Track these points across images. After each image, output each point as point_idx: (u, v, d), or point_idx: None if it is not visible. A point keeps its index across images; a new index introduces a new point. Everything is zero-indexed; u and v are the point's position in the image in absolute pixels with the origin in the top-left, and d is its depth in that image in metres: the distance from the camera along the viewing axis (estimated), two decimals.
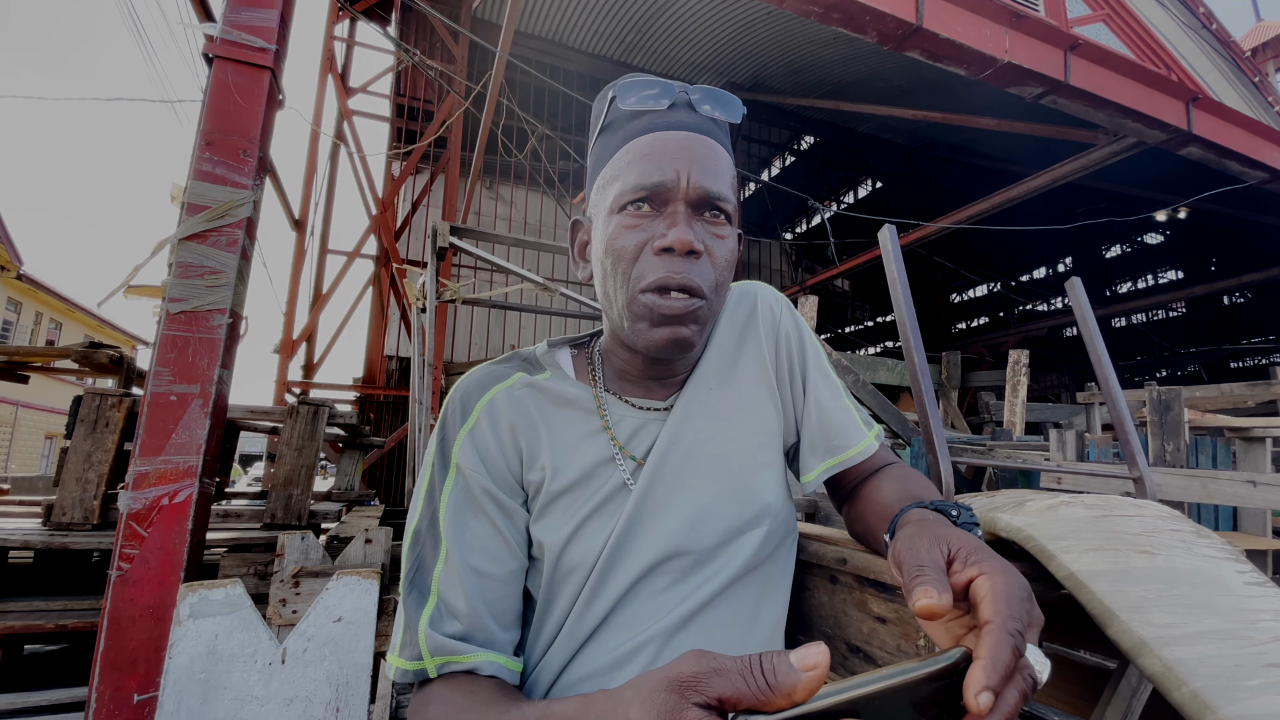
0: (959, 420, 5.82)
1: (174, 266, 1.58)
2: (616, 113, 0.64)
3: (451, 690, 0.54)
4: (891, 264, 1.31)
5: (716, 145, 0.62)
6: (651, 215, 0.60)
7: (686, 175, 0.59)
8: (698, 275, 0.59)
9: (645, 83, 0.63)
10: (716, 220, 0.61)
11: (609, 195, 0.62)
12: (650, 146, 0.60)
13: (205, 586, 1.06)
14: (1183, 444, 2.35)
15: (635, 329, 0.61)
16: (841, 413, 0.71)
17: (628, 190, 0.60)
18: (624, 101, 0.63)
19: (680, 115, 0.62)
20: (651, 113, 0.62)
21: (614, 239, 0.60)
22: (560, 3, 8.11)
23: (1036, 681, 0.35)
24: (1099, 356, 1.33)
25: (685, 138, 0.60)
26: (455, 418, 0.64)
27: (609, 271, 0.62)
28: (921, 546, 0.43)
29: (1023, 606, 0.37)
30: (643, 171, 0.59)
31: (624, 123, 0.63)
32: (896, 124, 10.69)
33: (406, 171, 6.84)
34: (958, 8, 3.86)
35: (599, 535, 0.62)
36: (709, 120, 0.63)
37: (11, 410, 14.99)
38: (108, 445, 2.28)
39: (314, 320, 6.50)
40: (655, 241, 0.59)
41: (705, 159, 0.60)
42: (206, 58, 1.71)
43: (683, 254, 0.58)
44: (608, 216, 0.62)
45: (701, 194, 0.59)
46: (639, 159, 0.60)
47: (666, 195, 0.59)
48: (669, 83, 0.63)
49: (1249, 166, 5.29)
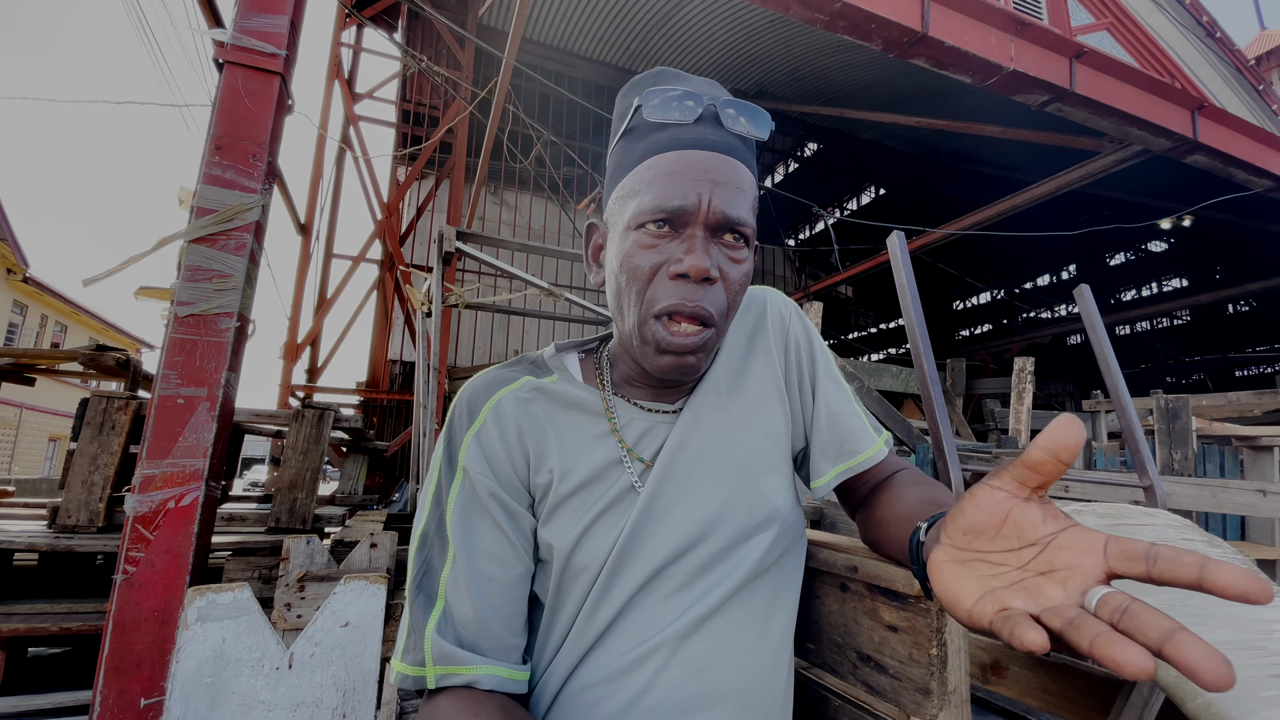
0: (964, 428, 5.81)
1: (183, 269, 1.59)
2: (640, 120, 0.62)
3: (456, 710, 0.53)
4: (900, 270, 1.30)
5: (740, 166, 0.60)
6: (669, 237, 0.59)
7: (708, 199, 0.57)
8: (710, 303, 0.58)
9: (673, 93, 0.60)
10: (735, 244, 0.60)
11: (628, 209, 0.61)
12: (673, 165, 0.59)
13: (213, 590, 1.06)
14: (1190, 452, 2.34)
15: (643, 351, 0.61)
16: (852, 417, 0.71)
17: (646, 210, 0.59)
18: (649, 112, 0.60)
19: (706, 132, 0.60)
20: (677, 125, 0.60)
21: (630, 257, 0.60)
22: (565, 10, 8.17)
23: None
24: (1108, 364, 1.32)
25: (709, 159, 0.59)
26: (462, 421, 0.64)
27: (623, 288, 0.61)
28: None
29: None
30: (663, 193, 0.58)
31: (647, 131, 0.62)
32: (900, 131, 10.71)
33: (412, 177, 6.87)
34: (963, 15, 3.87)
35: (607, 537, 0.62)
36: (735, 137, 0.61)
37: (15, 412, 15.04)
38: (114, 448, 2.29)
39: (319, 324, 6.52)
40: (671, 265, 0.58)
41: (728, 182, 0.59)
42: (217, 63, 1.72)
43: (698, 281, 0.58)
44: (625, 231, 0.61)
45: (721, 218, 0.58)
46: (660, 177, 0.59)
47: (686, 218, 0.58)
48: (697, 92, 0.60)
49: (1254, 174, 5.28)
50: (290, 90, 1.86)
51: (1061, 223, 10.58)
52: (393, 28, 7.65)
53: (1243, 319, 13.84)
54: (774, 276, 11.45)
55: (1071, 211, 11.67)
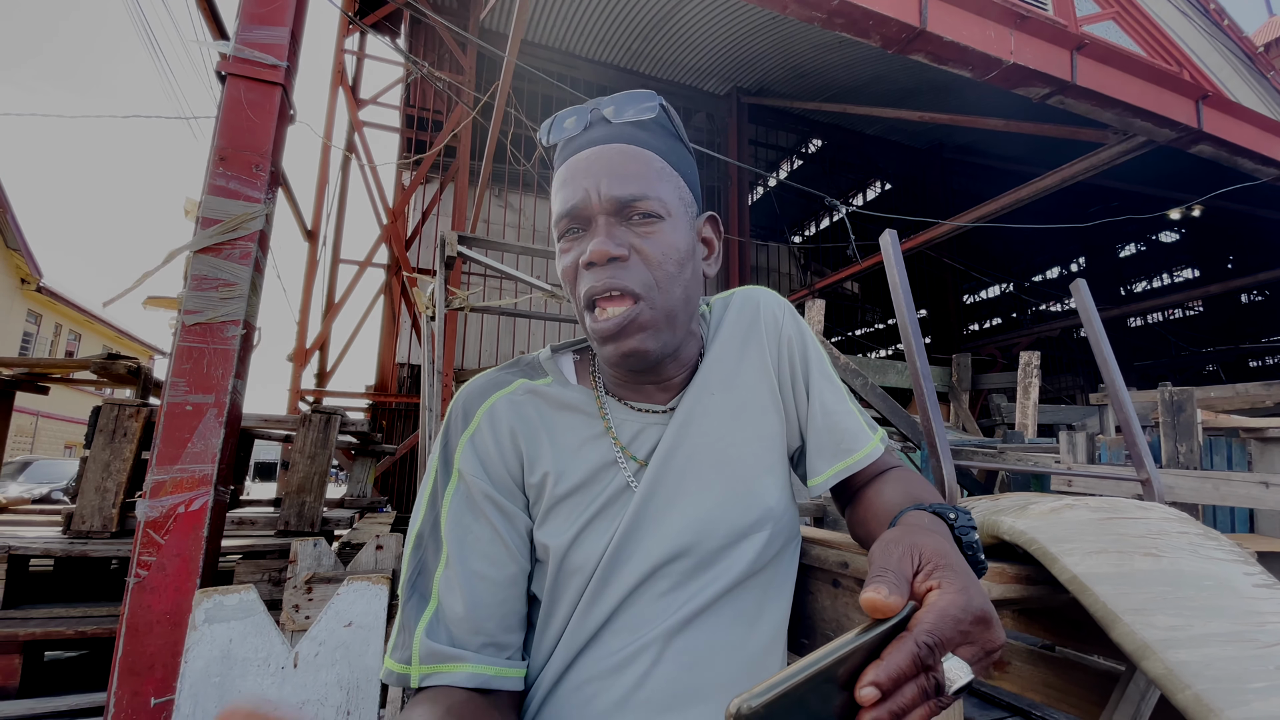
0: (970, 423, 5.77)
1: (189, 279, 1.62)
2: (549, 150, 0.69)
3: (429, 709, 0.54)
4: (893, 268, 1.31)
5: (633, 148, 0.63)
6: (582, 236, 0.63)
7: (597, 189, 0.61)
8: (626, 278, 0.60)
9: (562, 114, 0.66)
10: (645, 221, 0.62)
11: (554, 227, 0.66)
12: (566, 172, 0.64)
13: (220, 592, 1.08)
14: (1195, 445, 2.32)
15: (600, 350, 0.64)
16: (847, 416, 0.72)
17: (557, 219, 0.64)
18: (544, 138, 0.67)
19: (595, 133, 0.64)
20: (571, 139, 0.65)
21: (559, 264, 0.65)
22: (566, 12, 8.18)
23: (941, 685, 0.37)
24: (1104, 357, 1.32)
25: (596, 152, 0.63)
26: (457, 424, 0.66)
27: (568, 294, 0.66)
28: (895, 552, 0.44)
29: (952, 623, 0.38)
30: (563, 198, 0.63)
31: (554, 156, 0.67)
32: (904, 126, 10.66)
33: (416, 181, 6.91)
34: (961, 10, 3.85)
35: (602, 537, 0.63)
36: (628, 126, 0.64)
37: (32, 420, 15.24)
38: (126, 454, 2.33)
39: (326, 329, 6.57)
40: (582, 258, 0.62)
41: (616, 166, 0.62)
42: (220, 75, 1.75)
43: (604, 263, 0.60)
44: (558, 246, 0.66)
45: (614, 202, 0.61)
46: (561, 187, 0.64)
47: (586, 213, 0.62)
48: (583, 107, 0.66)
49: (1261, 163, 5.22)
50: (292, 100, 1.89)
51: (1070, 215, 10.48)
52: (395, 33, 7.69)
53: (1256, 309, 13.66)
54: (779, 274, 11.42)
55: (1080, 203, 11.57)
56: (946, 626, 0.38)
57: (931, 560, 0.43)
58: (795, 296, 9.44)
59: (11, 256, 13.38)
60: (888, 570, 0.41)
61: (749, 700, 0.32)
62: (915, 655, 0.36)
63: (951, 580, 0.41)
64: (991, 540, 0.76)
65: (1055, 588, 0.70)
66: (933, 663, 0.37)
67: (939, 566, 0.42)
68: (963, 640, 0.39)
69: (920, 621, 0.38)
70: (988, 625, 0.40)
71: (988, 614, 0.40)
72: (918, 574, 0.42)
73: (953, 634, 0.38)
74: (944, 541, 0.47)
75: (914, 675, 0.36)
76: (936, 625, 0.38)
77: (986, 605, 0.40)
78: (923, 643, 0.36)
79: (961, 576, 0.42)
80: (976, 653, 0.39)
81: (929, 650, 0.36)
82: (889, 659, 0.36)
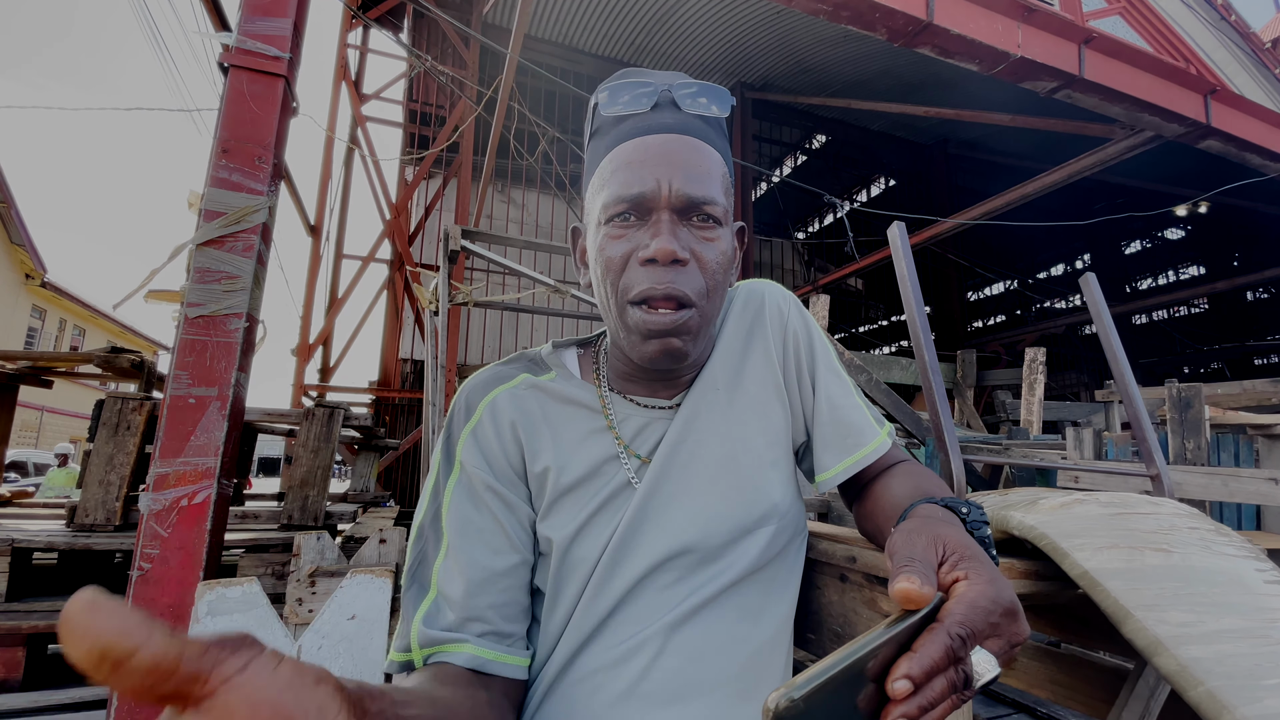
0: (975, 419, 5.76)
1: (192, 272, 1.62)
2: (602, 118, 0.63)
3: (426, 679, 0.54)
4: (901, 261, 1.30)
5: (703, 145, 0.60)
6: (636, 225, 0.59)
7: (669, 182, 0.57)
8: (685, 284, 0.58)
9: (629, 84, 0.61)
10: (705, 225, 0.59)
11: (597, 205, 0.62)
12: (632, 154, 0.59)
13: (222, 585, 1.08)
14: (1203, 442, 2.31)
15: (629, 340, 0.61)
16: (854, 410, 0.71)
17: (611, 202, 0.59)
18: (606, 107, 0.62)
19: (664, 116, 0.60)
20: (635, 116, 0.61)
21: (602, 250, 0.60)
22: (569, 6, 8.15)
23: (970, 679, 0.36)
24: (1114, 353, 1.31)
25: (667, 140, 0.59)
26: (460, 417, 0.66)
27: (600, 281, 0.62)
28: (918, 542, 0.43)
29: (983, 615, 0.38)
30: (624, 182, 0.58)
31: (610, 128, 0.62)
32: (909, 121, 10.60)
33: (419, 176, 6.91)
34: (968, 3, 3.82)
35: (604, 531, 0.62)
36: (695, 118, 0.61)
37: (36, 415, 15.32)
38: (129, 448, 2.33)
39: (330, 324, 6.58)
40: (640, 252, 0.58)
41: (689, 163, 0.58)
42: (222, 67, 1.74)
43: (666, 263, 0.57)
44: (597, 227, 0.62)
45: (685, 200, 0.58)
46: (622, 168, 0.59)
47: (649, 204, 0.58)
48: (653, 82, 0.61)
49: (1269, 159, 5.18)
50: (294, 92, 1.88)
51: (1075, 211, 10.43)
52: (398, 28, 7.68)
53: (1262, 306, 13.59)
54: (783, 270, 11.38)
55: (1085, 199, 11.51)
56: (978, 618, 0.37)
57: (957, 551, 0.42)
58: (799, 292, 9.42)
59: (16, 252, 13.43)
60: (914, 560, 0.41)
61: (789, 693, 0.32)
62: (949, 648, 0.35)
63: (979, 571, 0.40)
64: (1000, 535, 0.76)
65: (1064, 583, 0.69)
66: (964, 655, 0.36)
67: (964, 557, 0.42)
68: (991, 632, 0.38)
69: (951, 613, 0.37)
70: (1015, 617, 0.39)
71: (1015, 606, 0.39)
72: (942, 564, 0.42)
73: (983, 626, 0.37)
74: (964, 533, 0.46)
75: (945, 668, 0.35)
76: (968, 617, 0.37)
77: (1014, 597, 0.40)
78: (956, 634, 0.36)
79: (988, 568, 0.41)
80: (1003, 645, 0.39)
81: (962, 643, 0.36)
82: (922, 651, 0.35)
